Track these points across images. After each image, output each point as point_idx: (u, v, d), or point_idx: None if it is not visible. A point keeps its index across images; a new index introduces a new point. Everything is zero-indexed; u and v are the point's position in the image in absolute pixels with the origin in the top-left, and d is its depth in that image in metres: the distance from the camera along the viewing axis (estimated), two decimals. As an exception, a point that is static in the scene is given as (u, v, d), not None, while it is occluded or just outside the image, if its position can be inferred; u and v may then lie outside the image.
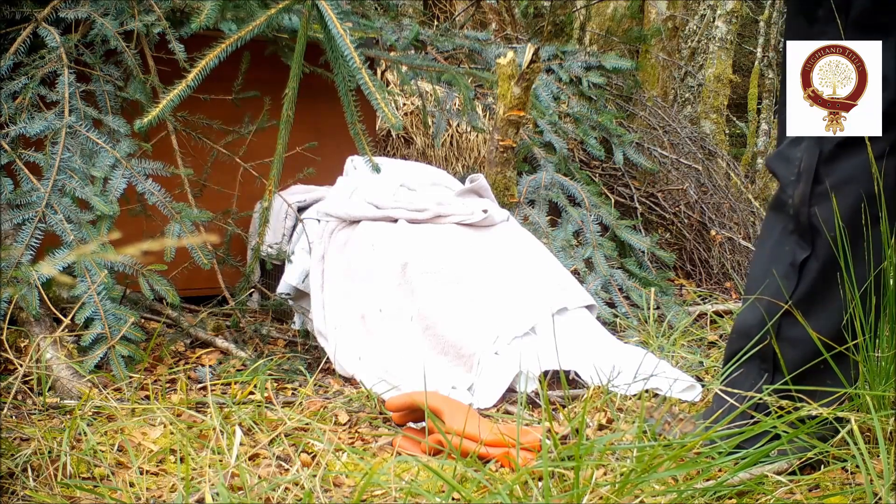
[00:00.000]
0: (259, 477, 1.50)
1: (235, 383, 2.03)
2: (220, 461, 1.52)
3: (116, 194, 2.23)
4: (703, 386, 2.08)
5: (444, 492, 1.38)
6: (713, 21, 7.74)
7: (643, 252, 3.25)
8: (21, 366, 1.85)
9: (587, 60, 3.95)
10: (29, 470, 1.47)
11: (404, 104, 4.05)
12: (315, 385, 2.12)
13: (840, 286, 1.52)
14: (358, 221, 2.51)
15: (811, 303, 1.54)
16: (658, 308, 2.94)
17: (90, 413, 1.76)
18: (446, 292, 2.29)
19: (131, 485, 1.46)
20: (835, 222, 1.51)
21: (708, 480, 1.37)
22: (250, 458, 1.61)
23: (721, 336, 2.66)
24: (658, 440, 1.40)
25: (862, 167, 1.52)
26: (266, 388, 1.97)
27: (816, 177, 1.54)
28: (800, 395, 1.48)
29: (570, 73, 3.91)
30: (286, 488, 1.42)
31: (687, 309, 3.01)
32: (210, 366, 2.24)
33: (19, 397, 1.88)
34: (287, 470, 1.55)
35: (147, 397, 1.94)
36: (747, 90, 10.13)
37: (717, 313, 3.00)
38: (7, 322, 2.02)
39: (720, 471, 1.40)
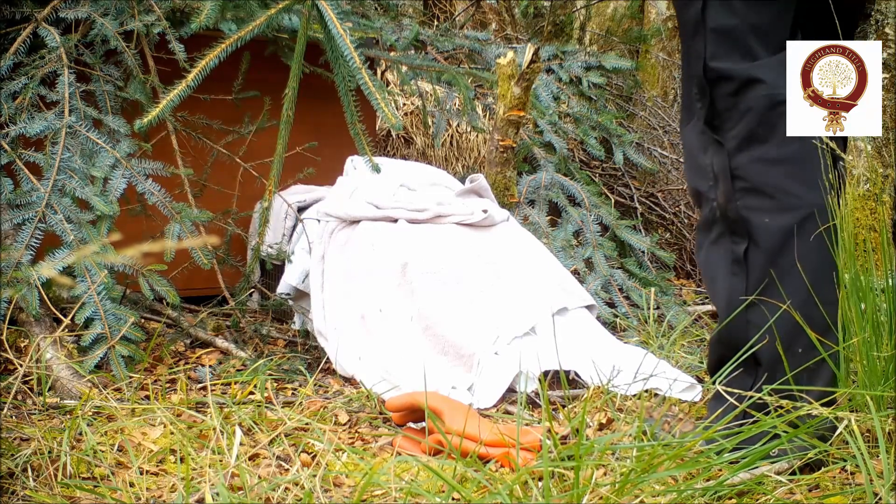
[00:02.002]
0: (259, 477, 1.50)
1: (235, 383, 2.03)
2: (220, 461, 1.52)
3: (116, 194, 2.22)
4: (703, 386, 2.08)
5: (444, 492, 1.38)
6: (713, 21, 7.73)
7: (643, 252, 3.25)
8: (21, 366, 1.85)
9: (587, 60, 3.95)
10: (29, 470, 1.47)
11: (404, 104, 4.05)
12: (315, 385, 2.12)
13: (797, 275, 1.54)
14: (358, 221, 2.51)
15: (770, 294, 1.56)
16: (658, 308, 2.94)
17: (90, 413, 1.76)
18: (446, 292, 2.29)
19: (131, 485, 1.46)
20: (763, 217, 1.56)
21: (708, 480, 1.37)
22: (250, 458, 1.61)
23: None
24: (658, 440, 1.40)
25: (758, 170, 1.57)
26: (266, 388, 1.97)
27: (733, 174, 1.58)
28: (797, 393, 1.48)
29: (570, 73, 3.91)
30: (286, 488, 1.42)
31: (687, 309, 3.01)
32: (210, 366, 2.24)
33: (19, 397, 1.88)
34: (287, 470, 1.55)
35: (147, 397, 1.94)
36: (747, 90, 10.10)
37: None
38: (7, 322, 2.02)
39: (720, 471, 1.40)
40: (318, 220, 2.60)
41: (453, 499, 1.38)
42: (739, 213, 1.57)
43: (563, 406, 2.00)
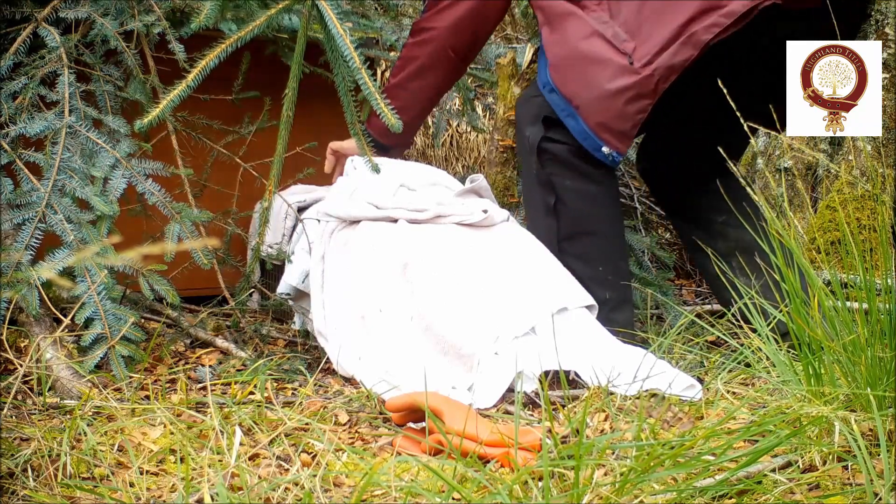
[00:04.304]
0: (259, 477, 1.50)
1: (235, 383, 2.03)
2: (220, 461, 1.52)
3: (116, 194, 2.22)
4: (703, 385, 2.08)
5: (444, 492, 1.38)
6: (713, 21, 7.72)
7: (643, 252, 3.25)
8: (21, 366, 1.85)
9: (587, 60, 3.94)
10: (29, 470, 1.47)
11: (404, 104, 4.04)
12: (315, 385, 2.12)
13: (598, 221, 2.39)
14: (358, 221, 2.51)
15: (574, 237, 2.37)
16: (658, 308, 2.94)
17: (90, 413, 1.77)
18: (446, 292, 2.29)
19: (131, 485, 1.46)
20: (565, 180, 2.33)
21: (707, 479, 1.36)
22: (250, 459, 1.61)
23: (719, 339, 2.65)
24: (657, 439, 1.40)
25: (558, 149, 2.30)
26: (266, 388, 1.97)
27: (539, 151, 2.32)
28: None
29: (570, 73, 3.90)
30: (286, 488, 1.42)
31: (687, 309, 3.01)
32: (210, 366, 2.24)
33: (19, 397, 1.88)
34: (287, 470, 1.55)
35: (147, 397, 1.94)
36: (747, 90, 10.09)
37: (717, 313, 3.00)
38: (7, 322, 2.02)
39: (720, 470, 1.40)
40: (318, 220, 2.60)
41: (453, 499, 1.38)
42: (548, 178, 2.34)
43: (563, 406, 2.00)
